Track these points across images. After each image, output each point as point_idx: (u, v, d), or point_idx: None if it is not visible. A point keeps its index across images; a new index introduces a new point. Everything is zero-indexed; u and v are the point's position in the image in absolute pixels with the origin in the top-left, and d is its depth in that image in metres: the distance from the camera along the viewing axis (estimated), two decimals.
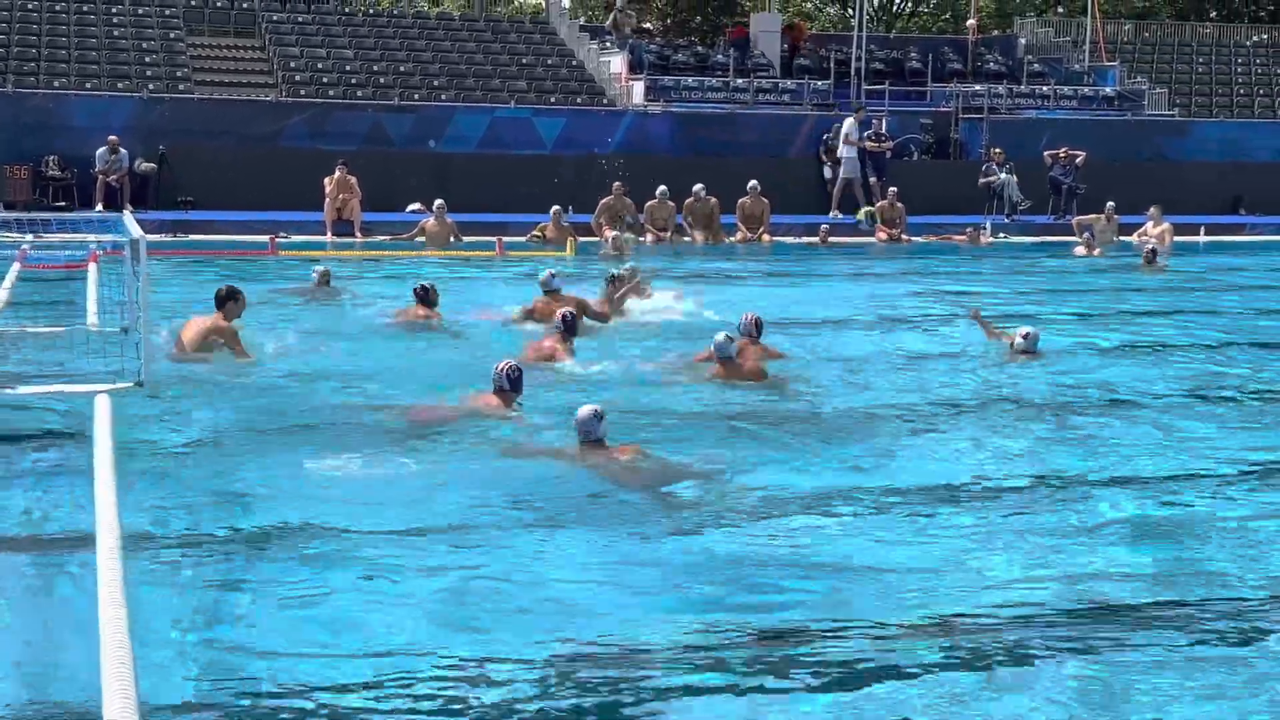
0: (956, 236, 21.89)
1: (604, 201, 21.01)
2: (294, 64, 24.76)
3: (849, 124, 23.72)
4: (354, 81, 24.39)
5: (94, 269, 13.28)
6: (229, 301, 10.00)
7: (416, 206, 21.47)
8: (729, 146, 24.30)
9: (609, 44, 27.38)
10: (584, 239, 19.44)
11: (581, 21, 32.17)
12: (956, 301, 14.65)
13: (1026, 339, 10.62)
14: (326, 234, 20.11)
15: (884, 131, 24.30)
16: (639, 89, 25.34)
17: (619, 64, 26.16)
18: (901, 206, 22.36)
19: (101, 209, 19.68)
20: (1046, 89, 28.00)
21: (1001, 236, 22.63)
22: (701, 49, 29.64)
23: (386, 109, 23.42)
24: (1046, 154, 24.37)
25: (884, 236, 21.97)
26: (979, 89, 27.17)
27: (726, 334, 9.62)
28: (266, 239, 18.32)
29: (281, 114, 22.88)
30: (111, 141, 21.01)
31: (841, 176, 23.73)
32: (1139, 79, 29.17)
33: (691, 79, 26.34)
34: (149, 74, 23.47)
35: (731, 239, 21.37)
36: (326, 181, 20.55)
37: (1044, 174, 24.18)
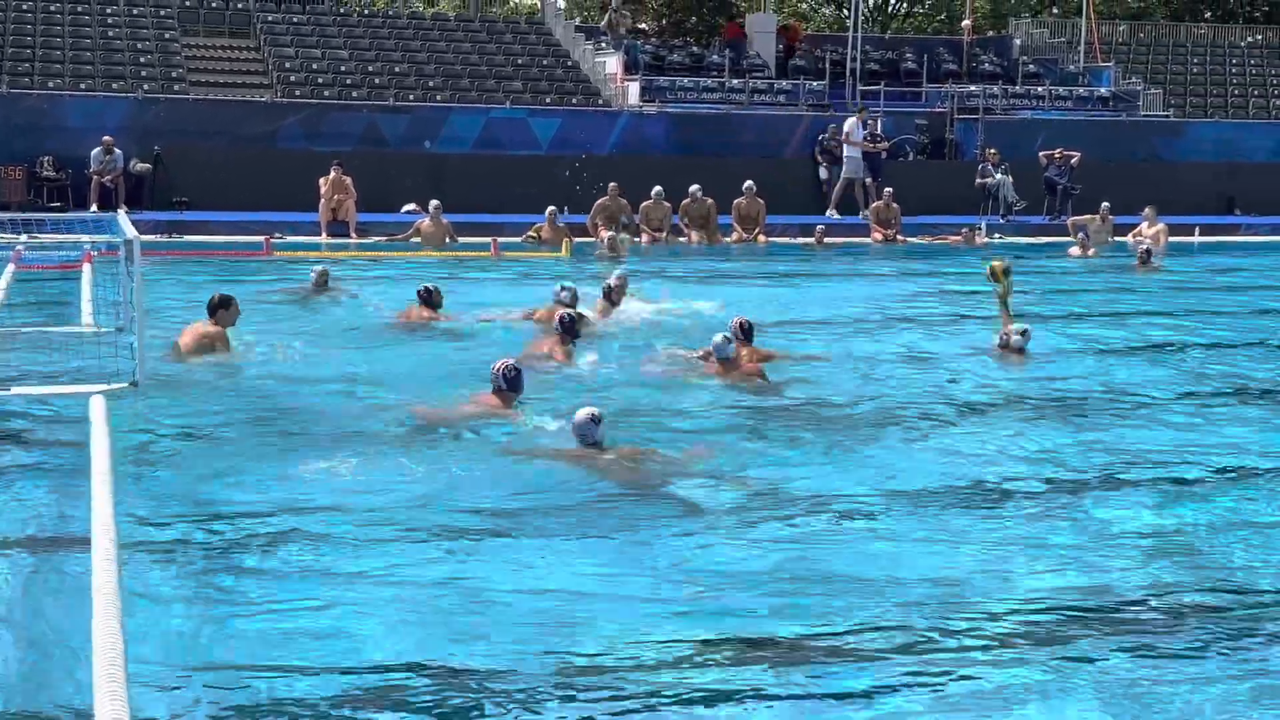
0: (951, 237, 21.89)
1: (600, 202, 21.02)
2: (289, 64, 24.73)
3: (851, 124, 23.71)
4: (349, 82, 24.38)
5: (88, 269, 13.26)
6: (221, 309, 10.00)
7: (412, 207, 21.47)
8: (724, 147, 24.30)
9: (604, 44, 27.38)
10: (579, 239, 19.44)
11: (577, 22, 32.17)
12: (952, 301, 14.65)
13: (1024, 335, 10.70)
14: (322, 235, 20.12)
15: (879, 132, 24.30)
16: (634, 89, 25.34)
17: (614, 64, 26.16)
18: (897, 207, 22.38)
19: (96, 209, 19.63)
20: (1041, 89, 28.04)
21: (997, 237, 22.63)
22: (697, 49, 29.64)
23: (382, 109, 23.40)
24: (1042, 154, 24.39)
25: (879, 237, 21.99)
26: (974, 89, 27.21)
27: (724, 335, 9.63)
28: (261, 240, 18.31)
29: (276, 114, 22.86)
30: (106, 142, 20.97)
31: (844, 176, 23.73)
32: (1134, 79, 29.20)
33: (687, 79, 26.34)
34: (144, 74, 23.44)
35: (727, 239, 21.39)
36: (322, 182, 20.55)
37: (1039, 174, 24.20)
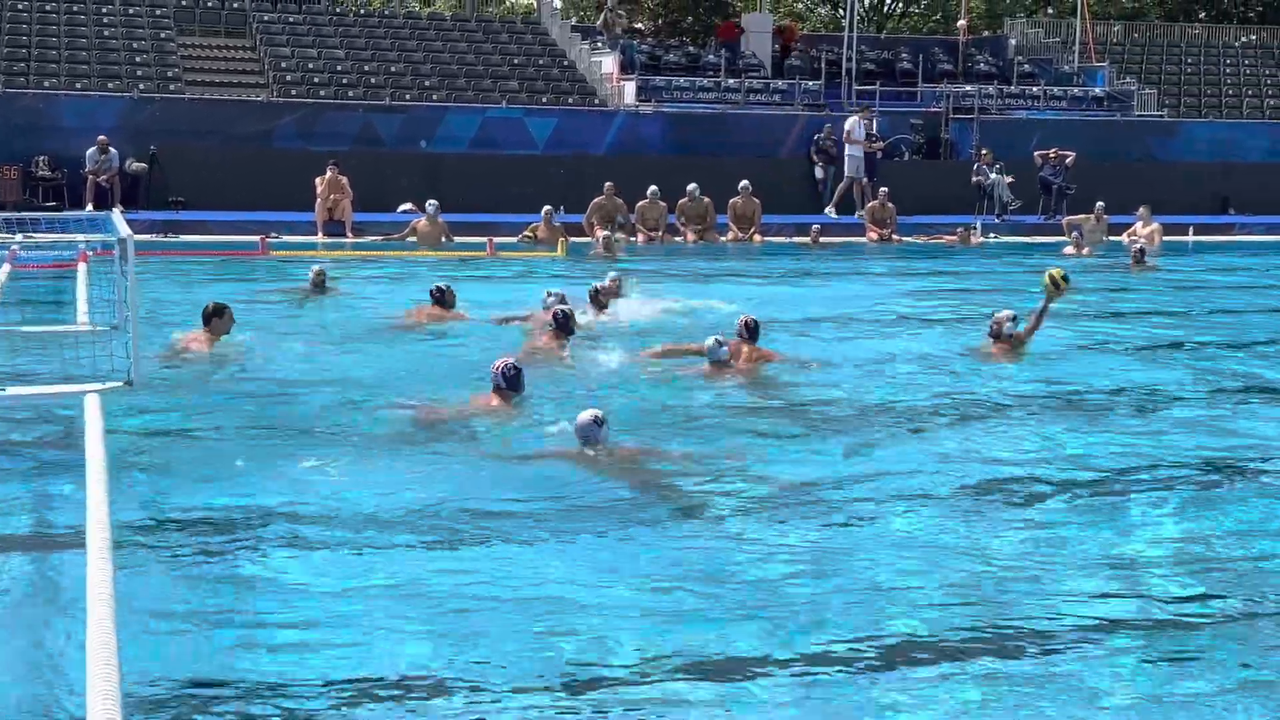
0: (947, 237, 21.91)
1: (595, 201, 21.02)
2: (285, 64, 24.72)
3: (852, 122, 23.72)
4: (345, 81, 24.37)
5: (83, 268, 13.25)
6: (215, 318, 10.00)
7: (408, 207, 21.47)
8: (720, 147, 24.30)
9: (600, 44, 27.38)
10: (575, 239, 19.45)
11: (573, 22, 32.13)
12: (949, 302, 14.66)
13: (1014, 321, 10.78)
14: (318, 234, 20.12)
15: (875, 132, 24.32)
16: (630, 89, 25.35)
17: (610, 64, 26.16)
18: (892, 207, 22.40)
19: (92, 209, 19.61)
20: (1036, 89, 28.06)
21: (992, 237, 22.66)
22: (693, 49, 29.66)
23: (377, 109, 23.39)
24: (1036, 154, 24.41)
25: (875, 237, 22.00)
26: (969, 89, 27.23)
27: (716, 338, 9.64)
28: (257, 239, 18.30)
29: (272, 114, 22.85)
30: (101, 141, 20.96)
31: (846, 175, 23.74)
32: (1128, 80, 29.23)
33: (683, 79, 26.36)
34: (139, 74, 23.42)
35: (723, 239, 21.40)
36: (318, 182, 20.54)
37: (1034, 174, 24.22)
